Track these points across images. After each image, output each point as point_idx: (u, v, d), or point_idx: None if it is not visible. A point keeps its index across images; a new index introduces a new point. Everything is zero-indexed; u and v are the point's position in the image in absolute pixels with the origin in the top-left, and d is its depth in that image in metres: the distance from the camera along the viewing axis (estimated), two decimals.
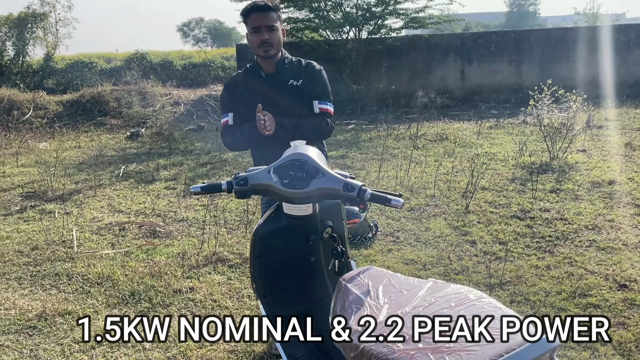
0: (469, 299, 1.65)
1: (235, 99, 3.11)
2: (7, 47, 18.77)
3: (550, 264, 4.24)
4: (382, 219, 5.49)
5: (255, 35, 2.97)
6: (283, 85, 3.07)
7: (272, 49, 2.98)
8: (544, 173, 6.87)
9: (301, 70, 3.13)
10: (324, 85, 3.19)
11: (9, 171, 8.31)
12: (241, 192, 2.26)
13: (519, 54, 14.68)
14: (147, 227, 5.54)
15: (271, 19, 2.95)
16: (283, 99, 3.04)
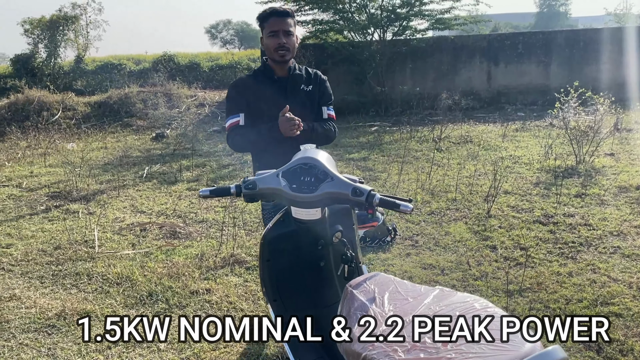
0: (474, 308, 1.61)
1: (246, 100, 3.11)
2: (39, 50, 19.19)
3: (573, 271, 4.15)
4: (401, 223, 5.44)
5: (272, 39, 3.00)
6: (295, 89, 3.13)
7: (288, 54, 3.03)
8: (569, 177, 6.73)
9: (310, 78, 3.20)
10: (330, 93, 3.30)
11: (36, 171, 8.48)
12: (250, 196, 2.25)
13: (547, 55, 14.45)
14: (167, 228, 5.59)
15: (288, 24, 3.00)
16: (295, 103, 3.06)
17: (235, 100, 3.13)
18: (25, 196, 7.00)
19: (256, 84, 3.14)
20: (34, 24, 18.83)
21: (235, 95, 3.14)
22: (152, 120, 12.68)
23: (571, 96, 7.41)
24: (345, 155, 8.88)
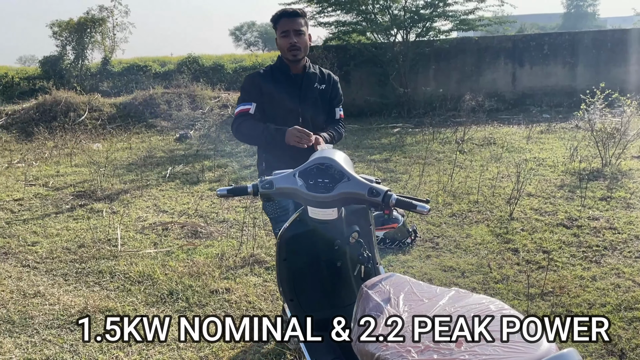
0: (490, 309, 1.60)
1: (261, 92, 3.15)
2: (67, 52, 19.54)
3: (596, 275, 4.07)
4: (421, 225, 5.41)
5: (284, 39, 3.07)
6: (310, 86, 3.21)
7: (299, 53, 3.09)
8: (594, 180, 6.61)
9: (324, 77, 3.29)
10: (341, 94, 3.41)
11: (62, 171, 8.63)
12: (266, 195, 2.27)
13: (573, 57, 14.22)
14: (189, 228, 5.64)
15: (299, 24, 3.07)
16: (309, 99, 3.17)
17: (249, 91, 3.17)
18: (51, 195, 7.13)
19: (272, 78, 3.19)
20: (62, 27, 19.18)
21: (250, 86, 3.18)
22: (175, 121, 12.81)
23: (597, 97, 7.28)
24: (367, 157, 8.86)
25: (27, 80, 18.65)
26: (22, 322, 3.75)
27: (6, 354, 3.35)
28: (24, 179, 7.99)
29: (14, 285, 4.36)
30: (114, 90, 17.60)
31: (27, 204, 6.75)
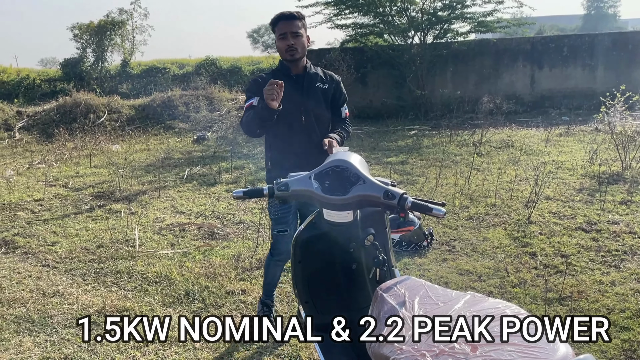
0: (505, 313, 1.59)
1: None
2: (87, 54, 19.81)
3: (615, 280, 4.02)
4: (438, 228, 5.38)
5: (282, 41, 3.19)
6: (312, 85, 3.30)
7: (297, 53, 3.21)
8: (614, 183, 6.53)
9: (326, 77, 3.40)
10: (345, 93, 3.49)
11: (82, 172, 8.74)
12: (282, 198, 2.27)
13: (593, 59, 14.05)
14: (205, 229, 5.68)
15: (296, 26, 3.18)
16: (312, 98, 3.26)
17: (252, 90, 3.26)
18: (71, 196, 7.23)
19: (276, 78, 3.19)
20: (83, 29, 19.46)
21: (254, 86, 3.27)
22: (193, 123, 12.91)
23: (617, 100, 7.19)
24: (384, 159, 8.85)
25: (48, 82, 18.94)
26: (41, 321, 3.80)
27: (26, 352, 3.40)
28: (44, 180, 8.10)
29: (34, 285, 4.43)
30: (132, 92, 17.79)
31: (47, 204, 6.85)
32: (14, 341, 3.54)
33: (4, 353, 3.40)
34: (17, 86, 18.16)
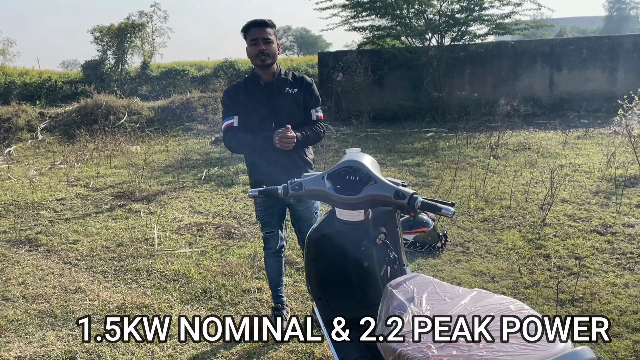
0: (509, 309, 1.64)
1: (238, 104, 3.41)
2: (108, 56, 20.10)
3: (629, 282, 4.03)
4: (452, 229, 5.42)
5: (253, 47, 3.30)
6: (281, 92, 3.40)
7: (268, 59, 3.31)
8: (631, 186, 6.50)
9: (295, 81, 3.48)
10: (317, 95, 3.55)
11: (103, 172, 8.91)
12: (296, 197, 2.35)
13: (613, 61, 13.93)
14: (223, 229, 5.78)
15: (267, 33, 3.31)
16: (282, 105, 3.38)
17: (228, 105, 3.44)
18: (91, 195, 7.39)
19: (245, 89, 3.43)
20: (104, 32, 19.74)
21: (228, 100, 3.45)
22: (211, 124, 13.08)
23: (635, 103, 7.15)
24: (399, 161, 8.89)
25: (69, 84, 19.26)
26: (63, 316, 3.93)
27: (49, 345, 3.52)
28: (66, 180, 8.28)
29: (57, 281, 4.56)
30: (152, 94, 18.02)
31: (69, 203, 7.01)
32: (37, 335, 3.67)
33: (28, 346, 3.52)
34: (39, 88, 18.49)
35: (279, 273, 3.76)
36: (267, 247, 3.68)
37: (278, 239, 3.65)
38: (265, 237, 3.65)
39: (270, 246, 3.66)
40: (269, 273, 3.76)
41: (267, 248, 3.69)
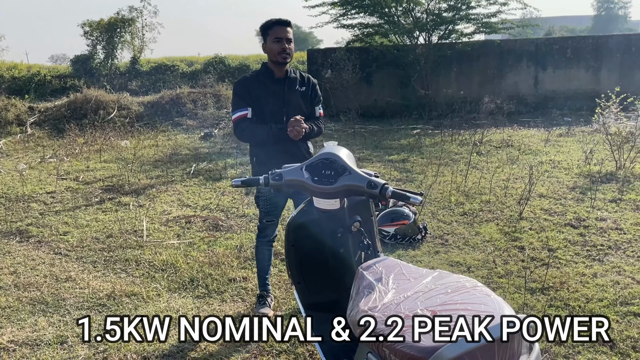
0: (465, 287, 1.82)
1: (251, 95, 3.59)
2: (97, 51, 20.09)
3: (597, 272, 4.23)
4: (433, 222, 5.61)
5: (277, 44, 3.50)
6: (292, 88, 3.63)
7: (289, 57, 3.54)
8: (607, 182, 6.73)
9: (304, 80, 3.72)
10: (320, 94, 3.82)
11: (92, 166, 9.02)
12: (276, 187, 2.52)
13: (597, 60, 14.22)
14: (210, 221, 5.93)
15: (290, 33, 3.55)
16: (293, 100, 3.60)
17: (242, 96, 3.60)
18: (81, 189, 7.50)
19: (259, 82, 3.62)
20: (93, 27, 19.73)
21: (240, 90, 3.61)
22: (201, 120, 13.19)
23: (612, 102, 7.37)
24: (385, 157, 9.07)
25: (58, 79, 19.24)
26: (55, 304, 4.06)
27: (41, 331, 3.66)
28: (56, 173, 8.38)
29: (47, 271, 4.69)
30: (142, 89, 18.07)
31: (59, 196, 7.12)
32: (29, 321, 3.80)
33: (20, 331, 3.66)
34: (28, 82, 18.45)
35: (268, 262, 3.93)
36: (262, 235, 3.83)
37: (275, 229, 3.84)
38: (264, 225, 3.78)
39: (267, 234, 3.81)
40: (259, 261, 3.91)
41: (261, 237, 3.84)
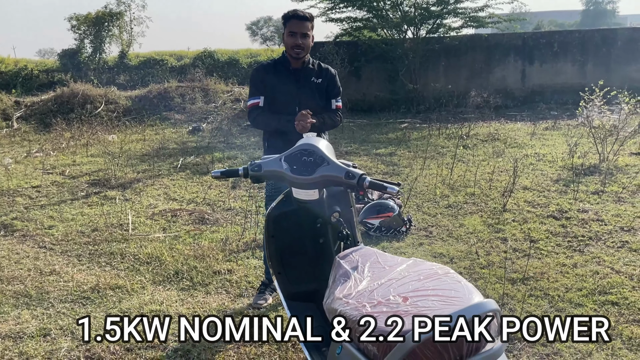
0: (437, 274, 1.85)
1: (265, 83, 3.62)
2: (85, 45, 19.94)
3: (578, 263, 4.29)
4: (418, 215, 5.65)
5: (291, 38, 3.51)
6: (307, 80, 3.62)
7: (302, 52, 3.55)
8: (590, 175, 6.80)
9: (321, 72, 3.71)
10: (339, 87, 3.77)
11: (79, 160, 8.98)
12: (255, 177, 2.54)
13: (583, 54, 14.32)
14: (196, 215, 5.94)
15: (306, 28, 3.52)
16: (306, 91, 3.59)
17: (256, 85, 3.66)
18: (67, 183, 7.47)
19: (274, 71, 3.65)
20: (81, 20, 19.57)
21: (257, 77, 3.67)
22: (189, 114, 13.15)
23: (596, 95, 7.44)
24: (373, 151, 9.10)
25: (45, 73, 19.09)
26: (38, 297, 4.06)
27: (24, 323, 3.66)
28: (41, 168, 8.34)
29: (32, 264, 4.68)
30: (130, 83, 17.95)
31: (44, 190, 7.09)
32: (12, 314, 3.80)
33: (3, 324, 3.66)
34: (15, 76, 18.28)
35: None
36: None
37: None
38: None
39: None
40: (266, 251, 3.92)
41: None
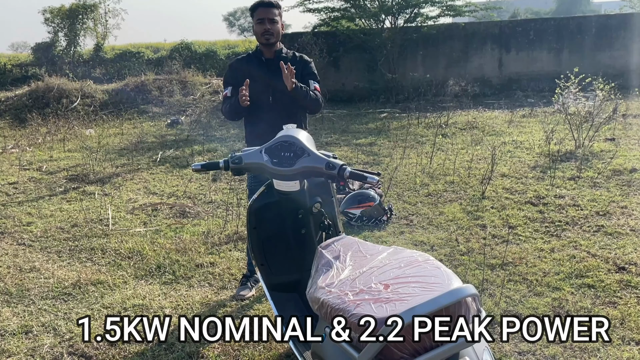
0: (417, 261, 1.88)
1: (237, 76, 3.64)
2: (59, 38, 19.61)
3: (555, 247, 4.38)
4: (398, 204, 5.70)
5: (259, 26, 3.58)
6: (280, 69, 3.51)
7: (272, 38, 3.59)
8: (566, 161, 6.92)
9: (295, 60, 3.71)
10: (314, 72, 3.77)
11: (56, 155, 8.87)
12: (236, 170, 2.55)
13: (558, 42, 14.47)
14: (177, 208, 5.91)
15: (273, 13, 3.58)
16: (280, 80, 3.52)
17: (227, 77, 3.75)
18: (45, 179, 7.38)
19: (248, 64, 3.71)
20: (54, 13, 19.24)
21: (229, 72, 3.76)
22: (167, 107, 13.02)
23: (571, 82, 7.55)
24: (353, 141, 9.13)
25: (19, 67, 18.77)
26: (19, 294, 4.03)
27: (5, 321, 3.63)
28: (18, 164, 8.22)
29: (11, 262, 4.63)
30: (106, 76, 17.73)
31: (21, 187, 7.00)
32: None
33: None
34: None
35: None
36: None
37: None
38: None
39: None
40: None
41: None
